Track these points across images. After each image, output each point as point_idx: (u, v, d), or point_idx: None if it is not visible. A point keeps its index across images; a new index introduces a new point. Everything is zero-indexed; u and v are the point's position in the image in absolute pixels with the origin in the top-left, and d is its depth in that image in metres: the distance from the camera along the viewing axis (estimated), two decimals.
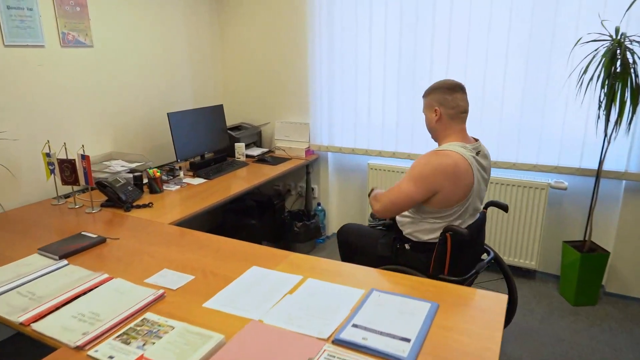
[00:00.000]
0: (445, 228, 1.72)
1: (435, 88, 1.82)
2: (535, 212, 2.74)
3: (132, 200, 2.32)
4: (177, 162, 2.83)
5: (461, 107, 1.78)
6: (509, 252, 2.87)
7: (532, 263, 2.82)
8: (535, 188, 2.70)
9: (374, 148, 3.16)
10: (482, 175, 1.80)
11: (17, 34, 2.22)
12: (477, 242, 1.91)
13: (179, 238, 1.88)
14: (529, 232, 2.78)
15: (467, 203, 1.74)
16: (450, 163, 1.67)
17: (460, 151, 1.70)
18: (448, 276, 1.77)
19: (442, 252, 1.75)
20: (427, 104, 1.85)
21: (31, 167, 2.38)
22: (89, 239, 1.84)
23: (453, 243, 1.73)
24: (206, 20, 3.47)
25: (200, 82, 3.49)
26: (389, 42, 2.94)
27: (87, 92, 2.62)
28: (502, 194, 2.80)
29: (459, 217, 1.77)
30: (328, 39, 3.13)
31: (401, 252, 1.92)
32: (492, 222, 2.88)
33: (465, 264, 1.85)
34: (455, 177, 1.67)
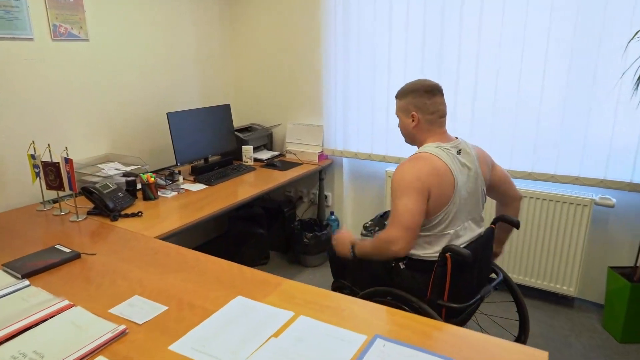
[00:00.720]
0: (445, 248, 1.53)
1: (411, 90, 1.67)
2: (576, 231, 2.39)
3: (121, 208, 2.11)
4: (176, 165, 2.62)
5: (441, 111, 1.66)
6: (544, 275, 2.53)
7: (570, 289, 2.48)
8: (577, 204, 2.36)
9: (392, 154, 2.87)
10: (468, 175, 1.62)
11: (2, 25, 2.04)
12: (482, 263, 1.68)
13: (162, 256, 1.65)
14: (568, 254, 2.44)
15: (455, 207, 1.58)
16: (426, 164, 1.55)
17: (435, 152, 1.58)
18: (448, 302, 1.56)
19: (442, 275, 1.54)
20: (402, 107, 1.70)
21: (18, 170, 2.20)
22: (61, 254, 1.63)
23: (454, 264, 1.52)
24: (216, 15, 3.25)
25: (208, 80, 3.27)
26: (411, 39, 2.64)
27: (82, 89, 2.43)
28: (538, 209, 2.47)
29: (450, 224, 1.59)
30: (344, 36, 2.86)
31: (396, 271, 1.69)
32: (524, 240, 2.55)
33: (469, 288, 1.64)
34: (437, 177, 1.54)
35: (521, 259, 2.58)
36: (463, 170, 1.61)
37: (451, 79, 2.57)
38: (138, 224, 1.98)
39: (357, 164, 3.15)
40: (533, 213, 2.49)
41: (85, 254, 1.67)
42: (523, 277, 2.60)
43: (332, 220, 3.22)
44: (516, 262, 2.61)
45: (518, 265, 2.60)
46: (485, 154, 1.75)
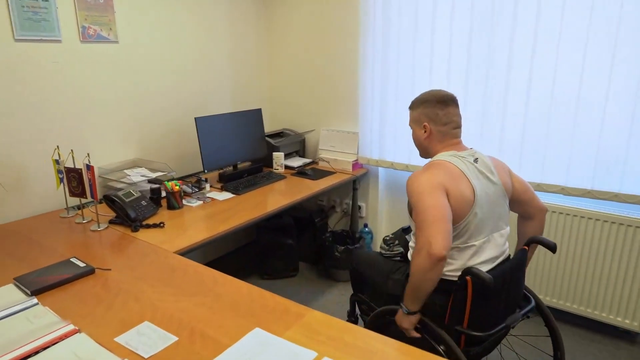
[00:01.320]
0: (465, 271, 1.40)
1: (424, 100, 1.61)
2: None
3: (143, 217, 2.02)
4: (204, 172, 2.52)
5: (454, 122, 1.59)
6: (602, 306, 2.25)
7: (634, 324, 2.19)
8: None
9: None
10: (487, 184, 1.52)
11: (30, 27, 1.99)
12: (512, 288, 1.53)
13: (179, 275, 1.53)
14: (632, 283, 2.15)
15: (477, 215, 1.46)
16: (441, 170, 1.47)
17: (450, 159, 1.52)
18: (468, 329, 1.44)
19: (462, 299, 1.41)
20: (414, 118, 1.65)
21: (43, 175, 2.16)
22: (75, 268, 1.54)
23: (476, 288, 1.39)
24: (252, 16, 3.15)
25: (241, 84, 3.17)
26: (456, 42, 2.42)
27: (111, 92, 2.37)
28: (597, 232, 2.20)
29: (473, 234, 1.47)
30: (383, 39, 2.67)
31: None
32: (580, 266, 2.28)
33: (493, 315, 1.49)
34: (454, 181, 1.45)
35: (576, 287, 2.31)
36: (481, 178, 1.52)
37: (500, 86, 2.33)
38: (159, 235, 1.88)
39: (394, 174, 2.95)
40: (592, 236, 2.22)
41: (100, 269, 1.57)
42: (578, 307, 2.33)
43: (365, 233, 3.04)
44: (571, 289, 2.34)
45: (573, 294, 2.34)
46: (502, 163, 1.65)
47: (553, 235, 2.34)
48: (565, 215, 2.28)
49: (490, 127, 2.42)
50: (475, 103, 2.44)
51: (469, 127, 2.47)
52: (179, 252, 1.74)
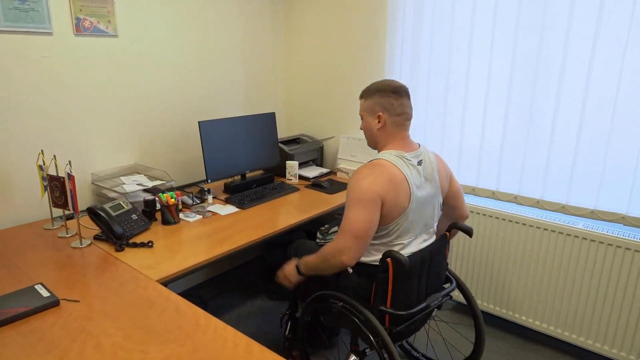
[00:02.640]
0: (385, 253, 1.49)
1: (379, 89, 1.61)
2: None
3: (131, 234, 1.79)
4: (207, 182, 2.27)
5: (407, 114, 1.61)
6: (604, 338, 1.90)
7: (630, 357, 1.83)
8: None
9: (465, 183, 2.33)
10: (426, 187, 1.58)
11: (16, 17, 1.79)
12: (432, 271, 1.64)
13: (156, 313, 1.27)
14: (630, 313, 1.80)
15: (408, 219, 1.54)
16: (384, 173, 1.49)
17: (394, 161, 1.53)
18: (390, 309, 1.52)
19: (383, 281, 1.51)
20: (368, 107, 1.64)
21: (29, 181, 1.96)
22: (37, 299, 1.31)
23: (397, 271, 1.49)
24: (267, 12, 2.89)
25: (255, 86, 2.92)
26: (498, 45, 2.09)
27: (108, 91, 2.15)
28: (627, 264, 1.85)
29: (401, 235, 1.56)
30: (413, 40, 2.37)
31: (343, 274, 1.65)
32: (587, 294, 1.92)
33: (414, 296, 1.59)
34: (394, 187, 1.49)
35: (584, 317, 1.96)
36: (421, 182, 1.56)
37: (549, 96, 1.99)
38: (146, 257, 1.64)
39: None
40: (620, 267, 1.86)
41: (66, 301, 1.33)
42: (585, 340, 2.04)
43: None
44: (577, 320, 2.01)
45: (580, 325, 2.05)
46: (445, 165, 1.71)
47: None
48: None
49: (536, 142, 2.07)
50: (520, 112, 2.10)
51: (512, 140, 2.14)
52: (164, 281, 1.49)
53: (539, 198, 2.10)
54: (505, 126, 2.15)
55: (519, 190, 2.16)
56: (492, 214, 2.25)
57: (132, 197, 2.03)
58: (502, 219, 2.22)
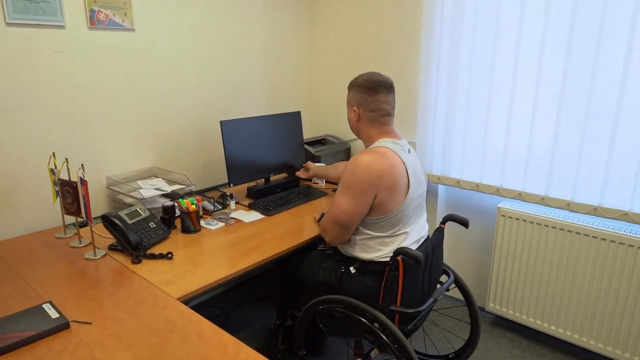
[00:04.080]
0: (397, 251, 1.47)
1: (357, 84, 1.62)
2: None
3: (149, 244, 1.63)
4: (229, 186, 2.11)
5: (383, 110, 1.59)
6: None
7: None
8: None
9: (511, 187, 2.13)
10: (416, 177, 1.59)
11: (26, 9, 1.65)
12: (433, 265, 1.64)
13: (177, 338, 1.11)
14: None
15: (409, 205, 1.55)
16: (384, 162, 1.49)
17: (394, 148, 1.54)
18: (401, 307, 1.50)
19: (393, 279, 1.48)
20: (348, 99, 1.68)
21: (40, 186, 1.82)
22: (45, 321, 1.16)
23: (405, 268, 1.46)
24: (292, 9, 2.73)
25: (278, 84, 2.76)
26: (550, 39, 1.88)
27: (124, 89, 2.01)
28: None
29: (405, 223, 1.56)
30: (453, 36, 2.16)
31: (346, 276, 1.62)
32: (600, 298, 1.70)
33: (421, 292, 1.59)
34: (393, 175, 1.49)
35: (602, 323, 1.74)
36: (414, 168, 1.58)
37: (610, 91, 1.78)
38: (165, 270, 1.48)
39: (459, 194, 2.44)
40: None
41: (76, 323, 1.18)
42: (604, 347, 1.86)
43: None
44: (594, 325, 1.78)
45: (598, 330, 1.84)
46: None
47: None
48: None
49: (593, 145, 1.86)
50: (575, 113, 1.88)
51: (565, 143, 1.93)
52: (185, 299, 1.33)
53: (597, 205, 1.88)
54: (557, 128, 1.93)
55: (572, 196, 1.95)
56: (541, 221, 2.04)
57: (149, 203, 1.88)
58: (553, 227, 2.01)
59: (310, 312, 1.65)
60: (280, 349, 2.03)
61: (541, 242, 2.06)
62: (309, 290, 1.80)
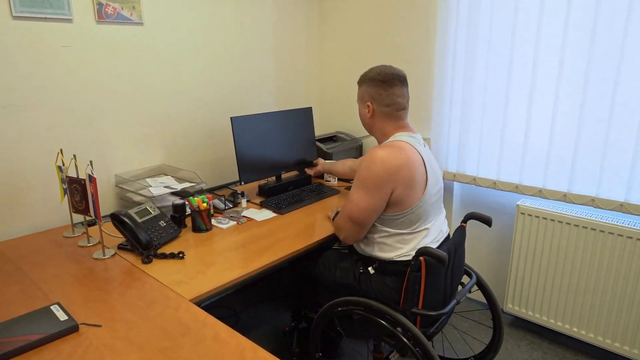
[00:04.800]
0: (419, 251, 1.40)
1: (370, 78, 1.56)
2: None
3: (159, 243, 1.58)
4: (240, 184, 2.06)
5: (398, 104, 1.53)
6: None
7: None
8: None
9: (530, 184, 2.06)
10: (436, 169, 1.56)
11: (33, 2, 1.61)
12: (455, 265, 1.57)
13: (190, 342, 1.06)
14: None
15: (428, 201, 1.48)
16: (402, 156, 1.43)
17: (411, 141, 1.49)
18: (423, 310, 1.43)
19: (415, 281, 1.41)
20: (359, 95, 1.62)
21: (47, 183, 1.78)
22: (53, 323, 1.11)
23: (428, 268, 1.39)
24: (301, 3, 2.68)
25: (288, 80, 2.70)
26: (573, 31, 1.81)
27: (132, 84, 1.96)
28: None
29: (424, 219, 1.49)
30: (468, 31, 2.10)
31: (364, 277, 1.56)
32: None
33: (443, 293, 1.52)
34: (411, 170, 1.43)
35: (627, 325, 1.66)
36: (431, 161, 1.53)
37: (636, 98, 1.71)
38: (176, 270, 1.43)
39: (475, 192, 2.37)
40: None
41: (85, 325, 1.13)
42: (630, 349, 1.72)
43: None
44: (619, 327, 1.70)
45: (622, 332, 1.71)
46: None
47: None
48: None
49: (618, 140, 1.79)
50: (599, 108, 1.81)
51: (588, 138, 1.86)
52: (198, 301, 1.28)
53: (623, 201, 1.81)
54: (580, 121, 1.86)
55: (597, 192, 1.87)
56: (563, 219, 1.97)
57: (159, 201, 1.83)
58: (575, 225, 1.94)
59: (328, 314, 1.60)
60: (295, 352, 1.98)
61: (562, 240, 1.99)
62: (324, 291, 1.75)
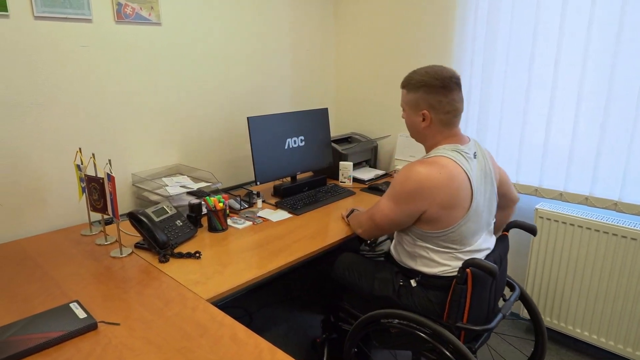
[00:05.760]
0: (467, 262, 1.31)
1: (426, 83, 1.39)
2: None
3: (176, 243, 1.58)
4: (255, 184, 2.06)
5: (457, 109, 1.41)
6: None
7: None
8: None
9: (550, 187, 2.02)
10: (485, 181, 1.43)
11: (54, 2, 1.62)
12: (500, 276, 1.49)
13: (208, 342, 1.05)
14: None
15: (471, 220, 1.37)
16: (442, 175, 1.32)
17: (454, 156, 1.36)
18: (468, 324, 1.35)
19: (461, 294, 1.33)
20: (411, 101, 1.44)
21: (65, 182, 1.79)
22: (72, 321, 1.11)
23: (475, 281, 1.31)
24: (318, 3, 2.66)
25: (303, 81, 2.69)
26: (597, 27, 1.78)
27: (150, 84, 1.97)
28: None
29: (467, 238, 1.39)
30: (488, 28, 2.08)
31: (405, 290, 1.47)
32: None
33: (487, 306, 1.44)
34: (450, 191, 1.32)
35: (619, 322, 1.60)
36: (480, 176, 1.41)
37: None
38: (193, 270, 1.43)
39: None
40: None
41: (104, 323, 1.13)
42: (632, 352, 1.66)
43: None
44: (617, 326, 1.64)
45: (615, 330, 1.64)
46: (489, 152, 1.57)
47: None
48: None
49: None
50: (624, 108, 1.77)
51: (612, 138, 1.82)
52: (215, 301, 1.28)
53: None
54: (603, 122, 1.82)
55: (620, 196, 1.83)
56: (583, 223, 1.93)
57: (175, 201, 1.84)
58: (596, 230, 1.90)
59: (368, 326, 1.50)
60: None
61: (583, 246, 1.95)
62: (357, 301, 1.65)
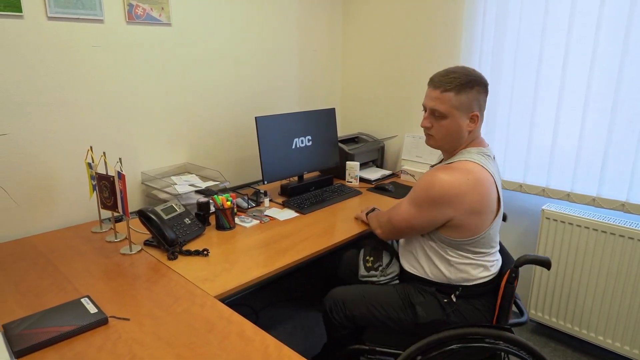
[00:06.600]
0: (521, 260, 1.29)
1: (477, 83, 1.34)
2: None
3: (184, 240, 1.61)
4: (263, 183, 2.08)
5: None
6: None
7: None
8: None
9: (557, 187, 2.02)
10: (500, 182, 1.42)
11: (67, 3, 1.65)
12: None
13: (217, 338, 1.07)
14: None
15: (496, 225, 1.37)
16: (469, 182, 1.29)
17: (480, 161, 1.33)
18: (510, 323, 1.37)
19: (511, 294, 1.33)
20: (461, 103, 1.33)
21: (76, 180, 1.82)
22: (83, 316, 1.14)
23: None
24: (326, 4, 2.68)
25: (311, 81, 2.71)
26: (605, 30, 1.78)
27: (160, 84, 2.00)
28: None
29: (493, 242, 1.39)
30: (496, 30, 2.08)
31: (450, 307, 1.39)
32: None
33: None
34: (478, 197, 1.29)
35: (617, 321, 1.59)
36: (498, 179, 1.39)
37: None
38: (201, 267, 1.45)
39: None
40: None
41: (115, 319, 1.16)
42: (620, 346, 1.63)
43: None
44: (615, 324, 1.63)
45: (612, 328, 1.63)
46: None
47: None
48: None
49: None
50: (633, 109, 1.77)
51: (620, 140, 1.82)
52: (223, 298, 1.30)
53: None
54: (611, 123, 1.82)
55: (628, 197, 1.83)
56: (590, 224, 1.93)
57: (184, 199, 1.86)
58: (603, 231, 1.90)
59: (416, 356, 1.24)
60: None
61: (589, 246, 1.95)
62: (385, 335, 1.49)
